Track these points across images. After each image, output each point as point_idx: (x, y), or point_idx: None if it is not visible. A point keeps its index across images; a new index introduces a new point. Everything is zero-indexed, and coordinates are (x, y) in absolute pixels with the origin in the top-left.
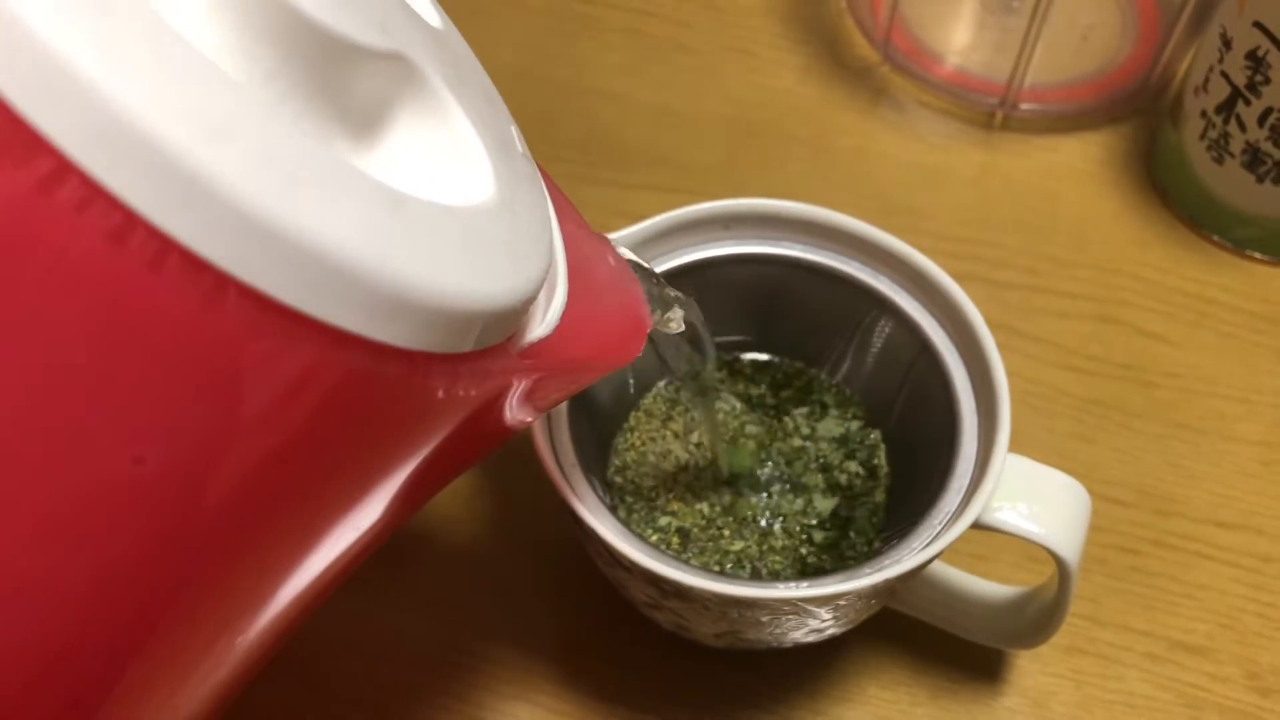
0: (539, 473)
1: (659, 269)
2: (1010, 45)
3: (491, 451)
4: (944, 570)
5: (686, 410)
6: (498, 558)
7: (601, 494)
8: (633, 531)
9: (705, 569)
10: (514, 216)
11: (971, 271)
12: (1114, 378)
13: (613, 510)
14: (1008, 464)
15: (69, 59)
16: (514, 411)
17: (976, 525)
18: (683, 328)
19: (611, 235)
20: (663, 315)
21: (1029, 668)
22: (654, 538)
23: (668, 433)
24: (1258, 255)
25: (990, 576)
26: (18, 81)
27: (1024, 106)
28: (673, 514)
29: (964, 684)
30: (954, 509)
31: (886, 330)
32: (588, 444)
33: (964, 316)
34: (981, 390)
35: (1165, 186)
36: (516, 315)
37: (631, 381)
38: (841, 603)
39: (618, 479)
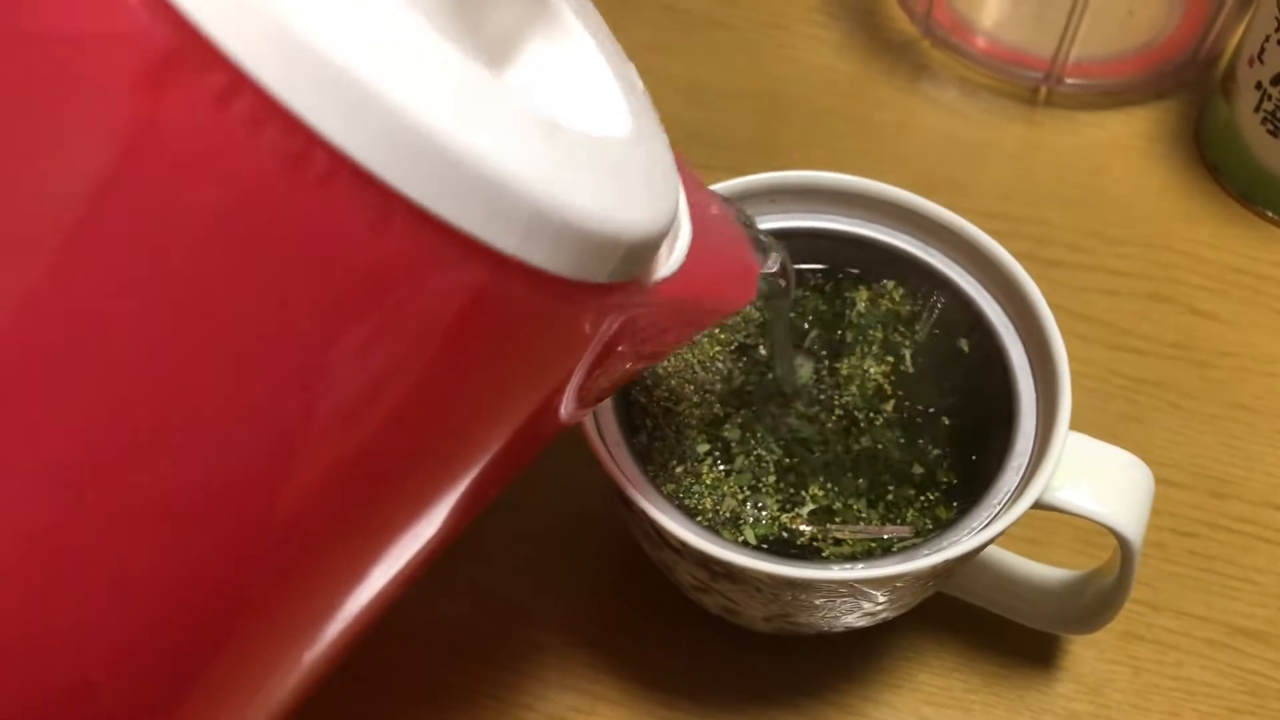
0: (580, 454)
1: None
2: (1053, 19)
3: (596, 403)
4: (999, 553)
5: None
6: (538, 542)
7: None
8: (674, 502)
9: (740, 508)
10: (647, 149)
11: (1017, 249)
12: (1166, 357)
13: (634, 431)
14: (1068, 442)
15: None
16: (632, 356)
17: (1038, 505)
18: (778, 270)
19: None
20: (764, 260)
21: (1084, 654)
22: (679, 469)
23: (714, 344)
24: None
25: (1044, 561)
26: None
27: (1069, 81)
28: (710, 438)
29: (1017, 670)
30: (1013, 488)
31: (939, 306)
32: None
33: (1021, 291)
34: (1040, 366)
35: (1216, 161)
36: (655, 246)
37: None
38: (899, 584)
39: (641, 399)
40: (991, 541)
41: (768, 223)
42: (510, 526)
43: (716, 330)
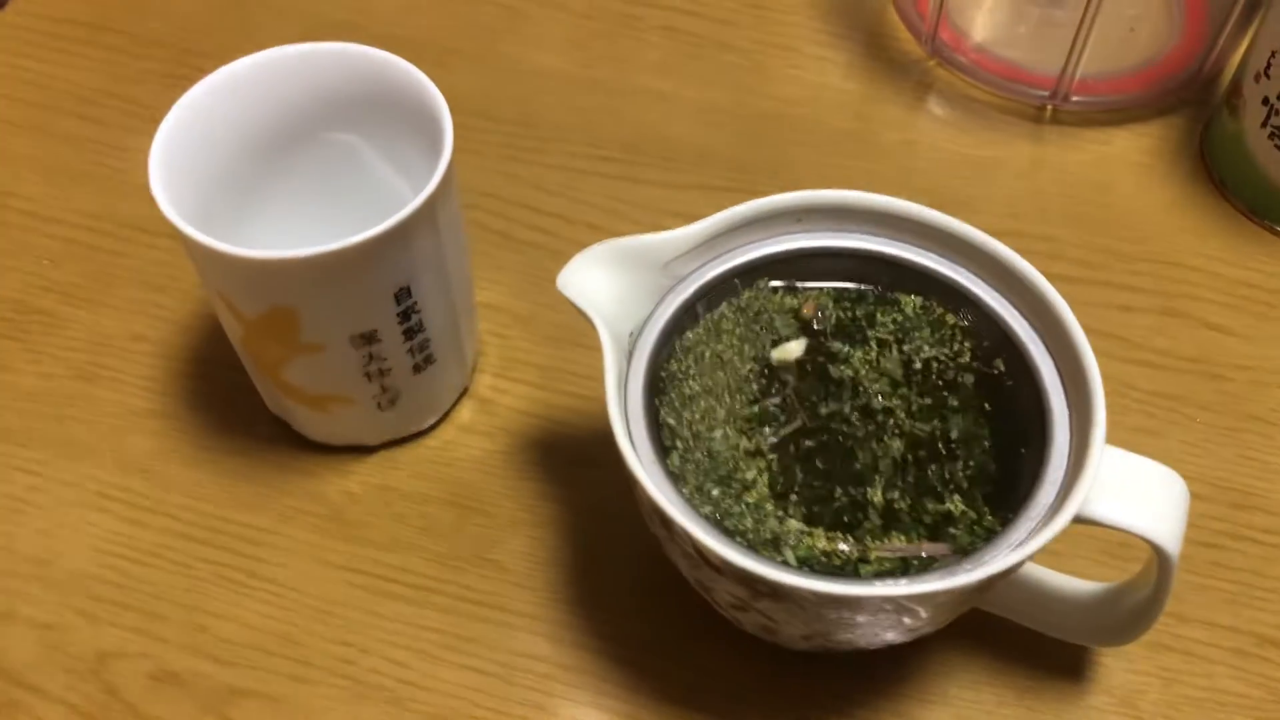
0: (609, 476)
1: (729, 264)
2: (1056, 38)
3: None
4: (1031, 567)
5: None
6: (568, 564)
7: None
8: (712, 523)
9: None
10: None
11: None
12: (1181, 371)
13: (666, 452)
14: (1104, 455)
15: None
16: None
17: (1076, 519)
18: None
19: (677, 232)
20: None
21: (1114, 666)
22: (715, 491)
23: (745, 362)
24: None
25: (1066, 572)
26: None
27: (1075, 99)
28: (745, 458)
29: (1048, 683)
30: (1051, 502)
31: (967, 323)
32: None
33: (1050, 308)
34: (1071, 382)
35: (1223, 176)
36: None
37: (701, 309)
38: (941, 600)
39: (671, 420)
40: (1035, 554)
41: (794, 242)
42: (539, 549)
43: (746, 348)
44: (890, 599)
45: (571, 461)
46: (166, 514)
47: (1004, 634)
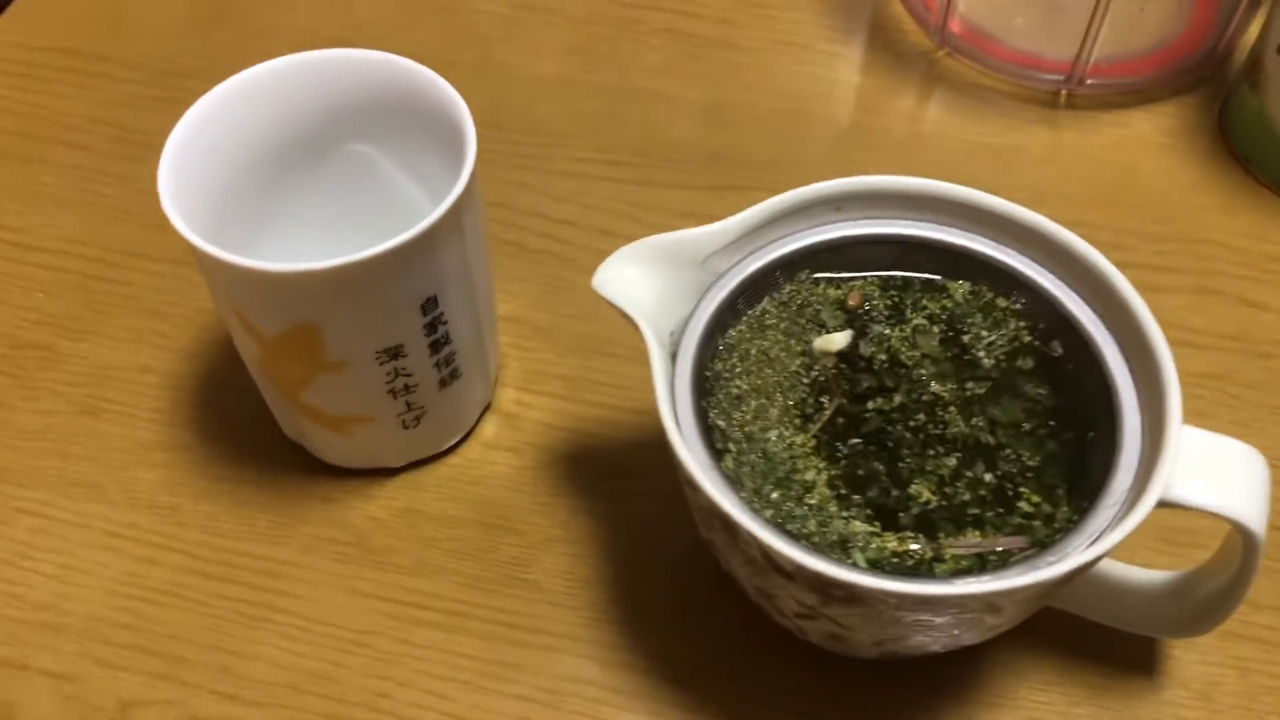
0: (645, 487)
1: (769, 257)
2: (1065, 23)
3: None
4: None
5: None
6: (608, 580)
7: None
8: (779, 527)
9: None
10: None
11: None
12: (1222, 350)
13: (719, 456)
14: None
15: None
16: None
17: (1158, 503)
18: None
19: (715, 226)
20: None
21: (1186, 658)
22: (774, 494)
23: (793, 357)
24: None
25: (1129, 562)
26: None
27: (1089, 82)
28: (804, 458)
29: (1120, 679)
30: (1128, 487)
31: (1022, 306)
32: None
33: (1112, 286)
34: (1138, 362)
35: (1246, 153)
36: None
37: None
38: (1023, 596)
39: (721, 422)
40: (1122, 541)
41: (834, 232)
42: (577, 567)
43: (793, 344)
44: (975, 597)
45: (604, 473)
46: (181, 550)
47: (1071, 630)
